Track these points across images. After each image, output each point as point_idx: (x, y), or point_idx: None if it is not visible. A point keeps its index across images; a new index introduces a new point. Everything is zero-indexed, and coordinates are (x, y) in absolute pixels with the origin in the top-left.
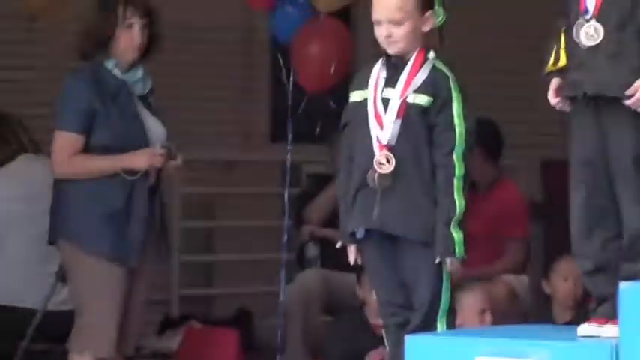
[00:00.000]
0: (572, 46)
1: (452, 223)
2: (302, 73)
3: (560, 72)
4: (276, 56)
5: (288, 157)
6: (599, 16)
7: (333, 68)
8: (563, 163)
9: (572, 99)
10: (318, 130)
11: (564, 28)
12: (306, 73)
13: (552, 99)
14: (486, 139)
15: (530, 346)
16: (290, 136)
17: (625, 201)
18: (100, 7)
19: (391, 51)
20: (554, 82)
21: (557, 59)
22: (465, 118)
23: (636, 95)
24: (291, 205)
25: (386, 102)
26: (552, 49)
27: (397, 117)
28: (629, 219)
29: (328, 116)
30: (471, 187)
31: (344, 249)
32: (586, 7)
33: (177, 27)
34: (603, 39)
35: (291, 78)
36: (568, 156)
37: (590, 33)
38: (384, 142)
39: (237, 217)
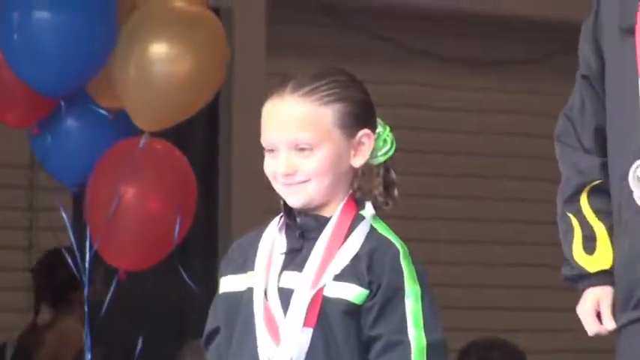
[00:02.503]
0: (624, 213)
1: None
2: (106, 241)
3: (604, 274)
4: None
5: None
6: None
7: (177, 229)
8: None
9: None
10: (140, 343)
11: (590, 184)
12: (113, 241)
13: (593, 325)
14: None
15: None
16: (89, 358)
17: None
18: None
19: (295, 201)
20: (596, 296)
21: (590, 248)
22: (428, 326)
23: None
24: None
25: (286, 295)
26: (571, 228)
27: (306, 323)
28: None
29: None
30: None
31: None
32: None
33: None
34: None
35: (87, 252)
36: None
37: None
38: None
39: None
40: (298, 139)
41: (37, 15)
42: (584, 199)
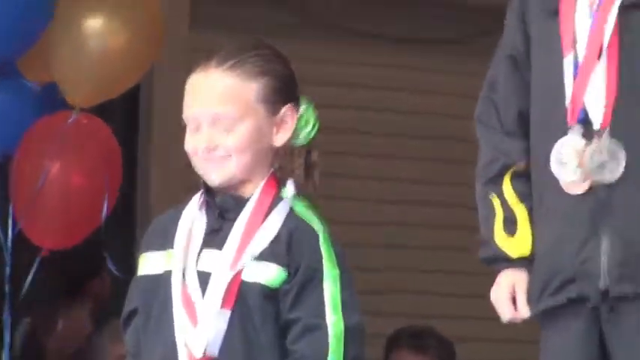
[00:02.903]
0: (546, 198)
1: None
2: (30, 219)
3: (523, 260)
4: None
5: None
6: (614, 129)
7: (106, 204)
8: None
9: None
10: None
11: (513, 167)
12: (38, 219)
13: (508, 313)
14: None
15: None
16: (7, 337)
17: None
18: None
19: (214, 178)
20: (512, 280)
21: (511, 231)
22: (347, 309)
23: None
24: None
25: (204, 278)
26: (493, 210)
27: (224, 305)
28: None
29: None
30: None
31: None
32: (584, 112)
33: None
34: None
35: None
36: None
37: (597, 158)
38: (199, 353)
39: None
40: (220, 113)
41: None
42: (506, 182)
